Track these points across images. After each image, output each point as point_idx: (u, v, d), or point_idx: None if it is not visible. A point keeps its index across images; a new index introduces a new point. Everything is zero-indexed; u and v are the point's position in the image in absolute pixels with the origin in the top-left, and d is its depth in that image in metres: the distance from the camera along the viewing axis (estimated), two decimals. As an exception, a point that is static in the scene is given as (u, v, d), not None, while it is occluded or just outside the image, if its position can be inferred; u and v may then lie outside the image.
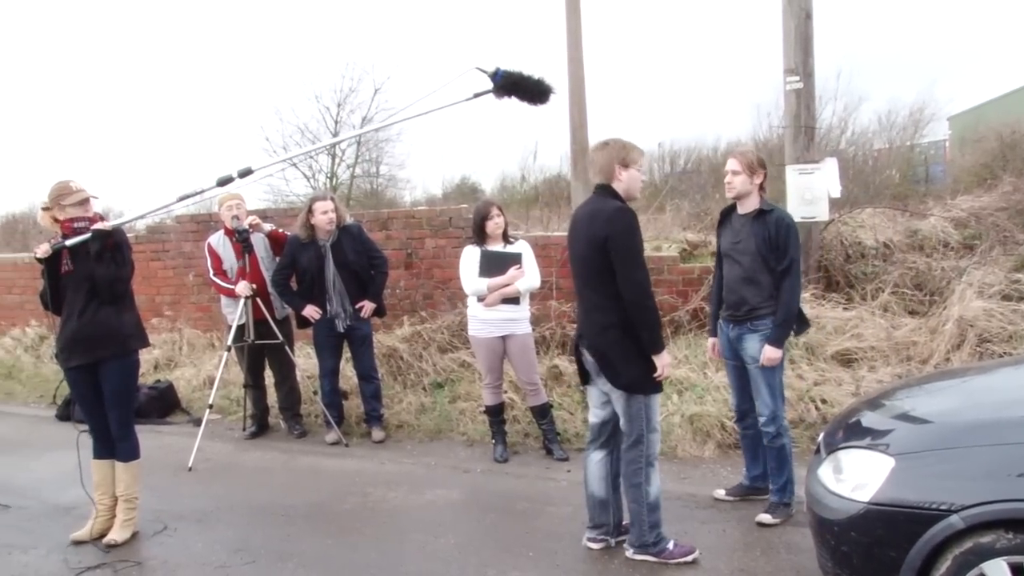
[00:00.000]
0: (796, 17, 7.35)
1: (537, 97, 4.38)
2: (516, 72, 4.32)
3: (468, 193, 24.34)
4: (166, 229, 10.27)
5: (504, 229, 6.18)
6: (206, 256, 7.10)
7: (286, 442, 7.05)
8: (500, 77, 4.29)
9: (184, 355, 9.54)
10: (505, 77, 4.29)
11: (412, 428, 7.09)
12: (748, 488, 5.12)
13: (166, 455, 6.53)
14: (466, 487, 5.73)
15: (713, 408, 6.24)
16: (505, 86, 4.30)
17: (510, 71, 4.30)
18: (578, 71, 10.84)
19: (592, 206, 4.22)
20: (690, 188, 15.13)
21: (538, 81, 4.35)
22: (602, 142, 4.26)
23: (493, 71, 4.30)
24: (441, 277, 8.44)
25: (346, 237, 6.71)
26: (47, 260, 4.74)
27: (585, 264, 4.21)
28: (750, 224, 4.74)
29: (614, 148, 4.20)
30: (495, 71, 4.29)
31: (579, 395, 6.85)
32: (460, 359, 7.73)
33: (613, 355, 4.15)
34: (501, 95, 4.33)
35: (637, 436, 4.19)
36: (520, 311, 6.12)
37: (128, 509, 5.01)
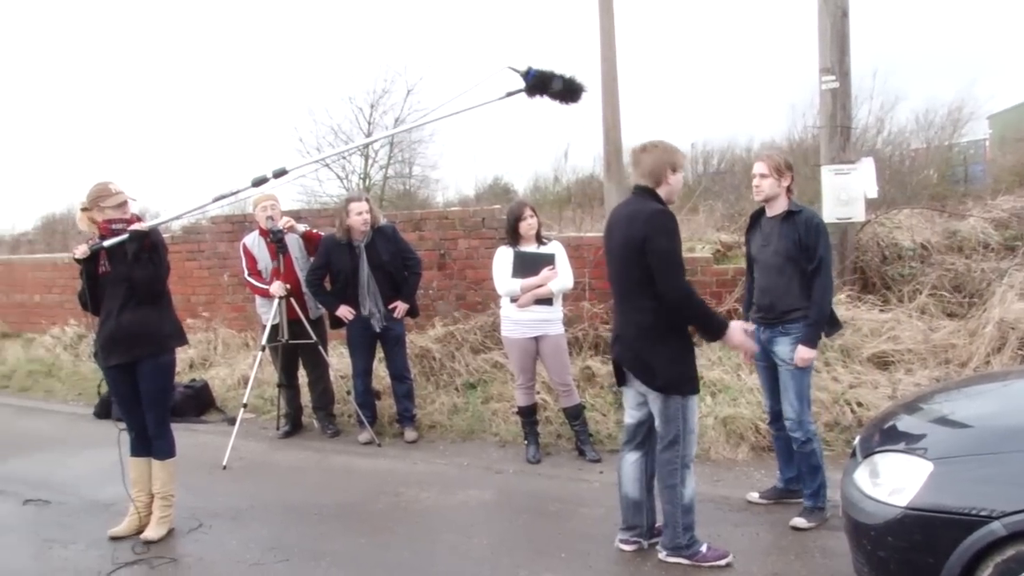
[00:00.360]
0: (832, 15, 7.27)
1: (569, 96, 4.37)
2: (548, 71, 4.32)
3: (501, 194, 24.34)
4: (201, 230, 10.38)
5: (537, 230, 6.18)
6: (241, 256, 7.16)
7: (319, 441, 7.09)
8: (532, 76, 4.29)
9: (219, 355, 9.65)
10: (537, 76, 4.29)
11: (445, 428, 7.11)
12: (782, 491, 5.07)
13: (201, 453, 6.59)
14: (498, 488, 5.74)
15: (747, 410, 6.19)
16: (537, 85, 4.30)
17: (542, 70, 4.30)
18: (611, 71, 10.80)
19: (631, 207, 4.21)
20: (723, 189, 15.01)
21: (570, 80, 4.34)
22: (650, 144, 4.22)
23: (525, 70, 4.29)
24: (474, 278, 8.45)
25: (380, 238, 6.74)
26: (85, 261, 4.81)
27: (622, 265, 4.19)
28: (779, 226, 4.70)
29: (665, 151, 4.18)
30: (527, 70, 4.29)
31: (612, 396, 6.83)
32: (493, 360, 7.73)
33: (650, 356, 4.14)
34: (533, 94, 4.33)
35: (673, 437, 4.17)
36: (553, 312, 6.12)
37: (164, 506, 5.07)
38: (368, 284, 6.70)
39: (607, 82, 10.82)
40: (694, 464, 4.30)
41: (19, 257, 13.69)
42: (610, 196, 11.23)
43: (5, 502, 5.80)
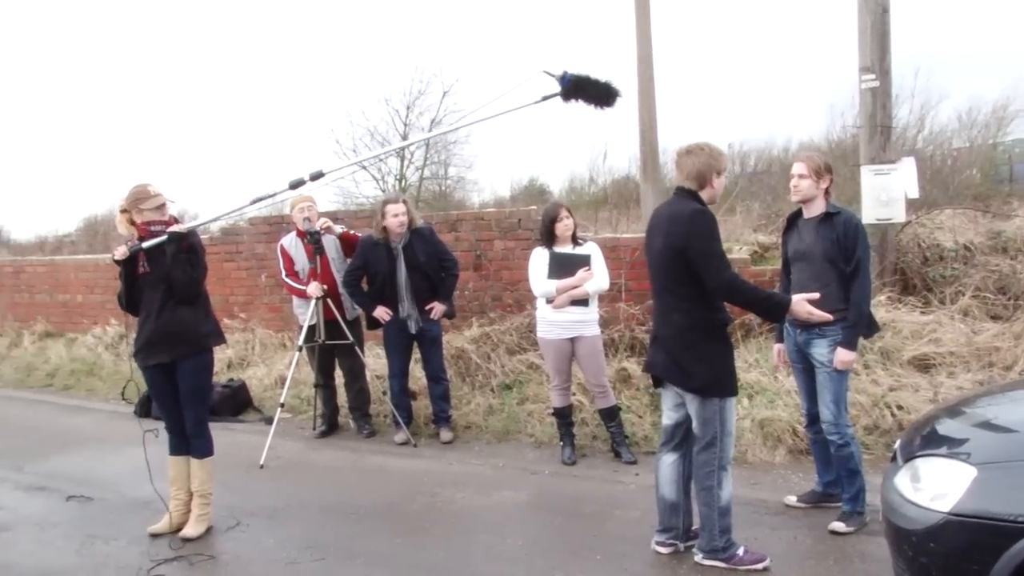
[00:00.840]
0: (872, 13, 7.18)
1: (604, 100, 4.35)
2: (583, 75, 4.30)
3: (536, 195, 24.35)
4: (239, 231, 10.48)
5: (573, 231, 6.17)
6: (278, 257, 7.22)
7: (355, 441, 7.13)
8: (567, 81, 4.27)
9: (256, 354, 9.73)
10: (572, 80, 4.27)
11: (480, 429, 7.12)
12: (820, 495, 5.01)
13: (239, 452, 6.65)
14: (534, 489, 5.73)
15: (784, 413, 6.13)
16: (572, 89, 4.28)
17: (577, 74, 4.28)
18: (648, 71, 10.77)
19: (672, 208, 4.19)
20: (761, 189, 14.89)
21: (605, 84, 4.32)
22: (695, 147, 4.19)
23: (560, 74, 4.28)
24: (510, 279, 8.44)
25: (418, 239, 6.76)
26: (124, 262, 4.87)
27: (663, 266, 4.17)
28: (817, 228, 4.65)
29: (710, 155, 4.16)
30: (562, 74, 4.27)
31: (648, 398, 6.80)
32: (528, 361, 7.73)
33: (687, 358, 4.12)
34: (568, 98, 4.32)
35: (711, 439, 4.14)
36: (589, 313, 6.10)
37: (203, 504, 5.13)
38: (405, 285, 6.73)
39: (643, 82, 10.78)
40: (731, 467, 4.26)
41: (62, 258, 13.92)
42: (646, 197, 11.19)
43: (49, 498, 5.91)
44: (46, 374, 10.82)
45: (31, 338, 12.35)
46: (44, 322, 12.64)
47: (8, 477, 6.45)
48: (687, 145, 4.24)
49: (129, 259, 4.88)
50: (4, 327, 13.09)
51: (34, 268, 13.17)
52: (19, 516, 5.55)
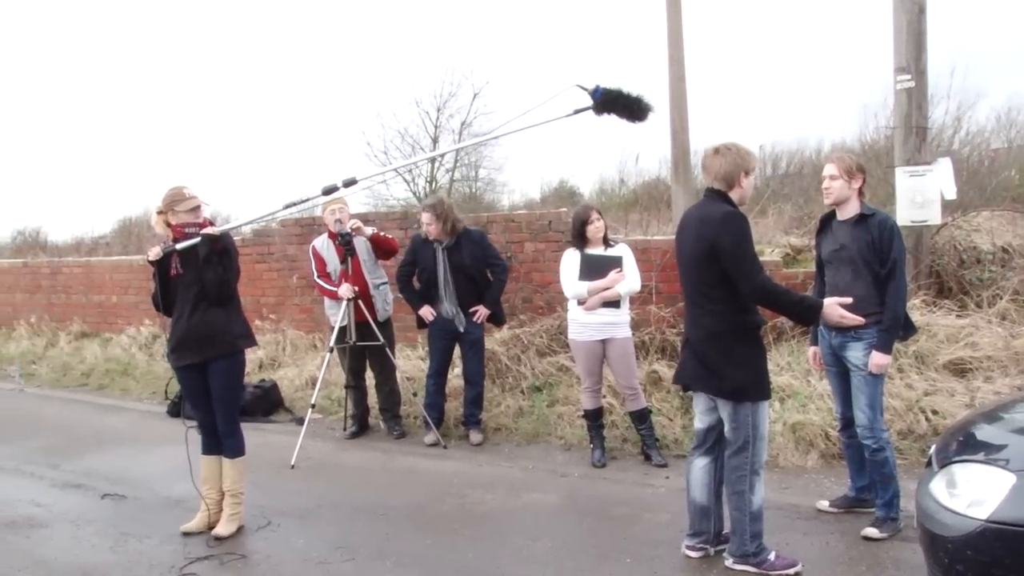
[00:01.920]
0: (909, 12, 7.08)
1: (636, 115, 4.31)
2: (616, 89, 4.27)
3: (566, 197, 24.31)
4: (271, 232, 10.56)
5: (604, 233, 6.16)
6: (310, 259, 7.26)
7: (385, 442, 7.15)
8: (600, 94, 4.24)
9: (287, 355, 9.80)
10: (605, 94, 4.24)
11: (510, 431, 7.12)
12: (853, 500, 4.95)
13: (270, 452, 6.70)
14: (563, 491, 5.72)
15: (816, 417, 6.07)
16: (604, 103, 4.26)
17: (610, 88, 4.24)
18: (679, 72, 10.70)
19: (702, 210, 4.17)
20: (792, 191, 14.78)
21: (637, 99, 4.29)
22: (723, 147, 4.17)
23: (593, 88, 4.25)
24: (540, 281, 8.43)
25: (466, 241, 6.81)
26: (158, 263, 4.93)
27: (693, 268, 4.16)
28: (851, 229, 4.60)
29: (738, 155, 4.13)
30: (595, 88, 4.24)
31: (678, 400, 6.77)
32: (558, 363, 7.71)
33: (719, 361, 4.09)
34: (601, 112, 4.29)
35: (743, 443, 4.11)
36: (620, 315, 6.09)
37: (234, 504, 5.16)
38: (445, 285, 6.77)
39: (675, 84, 10.72)
40: (763, 471, 4.22)
41: (98, 259, 14.08)
42: (677, 199, 11.12)
43: (85, 496, 5.98)
44: (81, 373, 10.96)
45: (67, 338, 12.53)
46: (80, 322, 12.82)
47: (45, 475, 6.54)
48: (715, 145, 4.22)
49: (162, 260, 4.94)
50: (41, 327, 13.28)
51: (70, 269, 13.35)
52: (55, 513, 5.63)
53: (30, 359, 12.03)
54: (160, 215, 5.01)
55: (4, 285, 14.25)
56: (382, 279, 7.26)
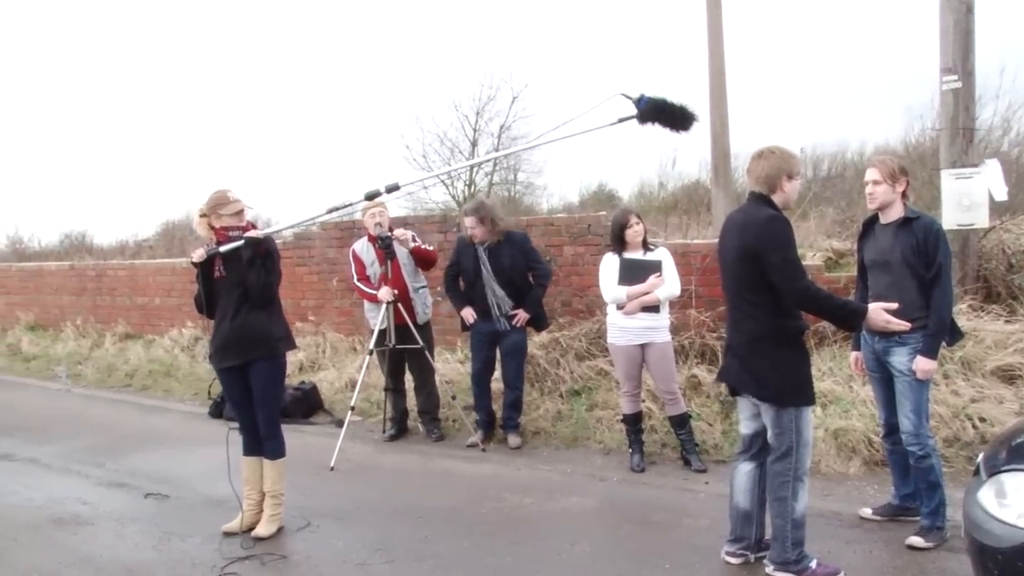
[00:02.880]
0: (956, 12, 6.96)
1: (680, 124, 4.29)
2: (660, 98, 4.24)
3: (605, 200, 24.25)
4: (311, 236, 10.64)
5: (643, 237, 6.13)
6: (350, 262, 7.30)
7: (424, 445, 7.17)
8: (644, 103, 4.23)
9: (327, 358, 9.87)
10: (649, 103, 4.23)
11: (549, 435, 7.10)
12: (897, 508, 4.87)
13: (310, 454, 6.75)
14: (602, 495, 5.69)
15: (859, 423, 5.98)
16: (648, 112, 4.25)
17: (654, 97, 4.23)
18: (719, 75, 10.66)
19: (745, 214, 4.13)
20: (834, 194, 14.61)
21: (682, 108, 4.26)
22: (767, 150, 4.13)
23: (638, 97, 4.24)
24: (579, 284, 8.41)
25: (507, 244, 6.82)
26: (201, 265, 4.99)
27: (736, 273, 4.12)
28: (895, 233, 4.53)
29: (781, 158, 4.09)
30: (639, 97, 4.23)
31: (718, 405, 6.71)
32: (597, 367, 7.68)
33: (762, 366, 4.05)
34: (644, 121, 4.26)
35: (786, 449, 4.06)
36: (660, 319, 6.06)
37: (274, 505, 5.21)
38: (484, 286, 6.79)
39: (715, 87, 10.68)
40: (807, 478, 4.16)
41: (142, 262, 14.31)
42: (717, 202, 11.07)
43: (128, 495, 6.08)
44: (125, 374, 11.12)
45: (112, 339, 12.72)
46: (124, 324, 13.01)
47: (90, 473, 6.66)
48: (758, 149, 4.18)
49: (205, 262, 4.99)
50: (87, 328, 13.52)
51: (115, 272, 13.58)
52: (100, 511, 5.72)
53: (76, 360, 12.25)
54: (203, 218, 5.07)
55: (52, 287, 14.54)
56: (421, 283, 7.29)
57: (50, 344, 13.44)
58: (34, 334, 14.19)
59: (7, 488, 6.33)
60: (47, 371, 12.02)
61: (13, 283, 15.40)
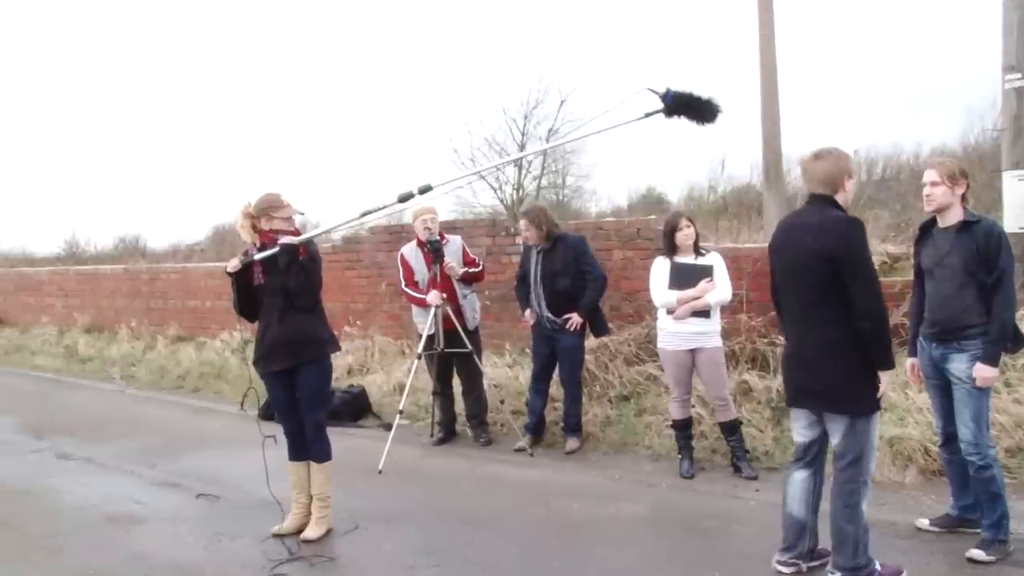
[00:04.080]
0: (1020, 8, 6.80)
1: (706, 117, 4.30)
2: (686, 92, 4.26)
3: (654, 204, 24.13)
4: (360, 239, 10.74)
5: (695, 240, 6.09)
6: (398, 267, 7.32)
7: (472, 449, 7.19)
8: (671, 98, 4.24)
9: (376, 361, 9.94)
10: (676, 98, 4.24)
11: (597, 440, 7.08)
12: (956, 519, 4.76)
13: (358, 457, 6.78)
14: (651, 502, 5.66)
15: (915, 431, 5.86)
16: (675, 106, 4.25)
17: (680, 91, 4.25)
18: (771, 78, 10.56)
19: (812, 217, 4.04)
20: (889, 197, 14.38)
21: (708, 100, 4.26)
22: (824, 151, 4.08)
23: (664, 91, 4.25)
24: (628, 289, 8.37)
25: (561, 246, 6.83)
26: (237, 274, 5.03)
27: (805, 277, 4.01)
28: (954, 237, 4.42)
29: (839, 158, 4.04)
30: (665, 91, 4.24)
31: (769, 411, 6.64)
32: (646, 372, 7.65)
33: (835, 374, 3.95)
34: (671, 115, 4.27)
35: (856, 455, 3.98)
36: (710, 324, 6.00)
37: (322, 507, 5.25)
38: (535, 288, 6.83)
39: (767, 89, 10.58)
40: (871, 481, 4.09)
41: (193, 265, 14.57)
42: (769, 206, 10.95)
43: (180, 495, 6.19)
44: (177, 376, 11.33)
45: (164, 342, 12.98)
46: (176, 326, 13.25)
47: (143, 473, 6.79)
48: (814, 150, 4.13)
49: (243, 270, 5.05)
50: (141, 331, 13.80)
51: (167, 276, 13.85)
52: (153, 511, 5.83)
53: (130, 361, 12.52)
54: (248, 219, 5.08)
55: (107, 290, 14.88)
56: (470, 287, 7.32)
57: (105, 346, 13.75)
58: (90, 336, 14.53)
59: (64, 486, 6.49)
60: (102, 372, 12.31)
61: (70, 286, 15.81)
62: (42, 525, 5.61)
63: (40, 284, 16.72)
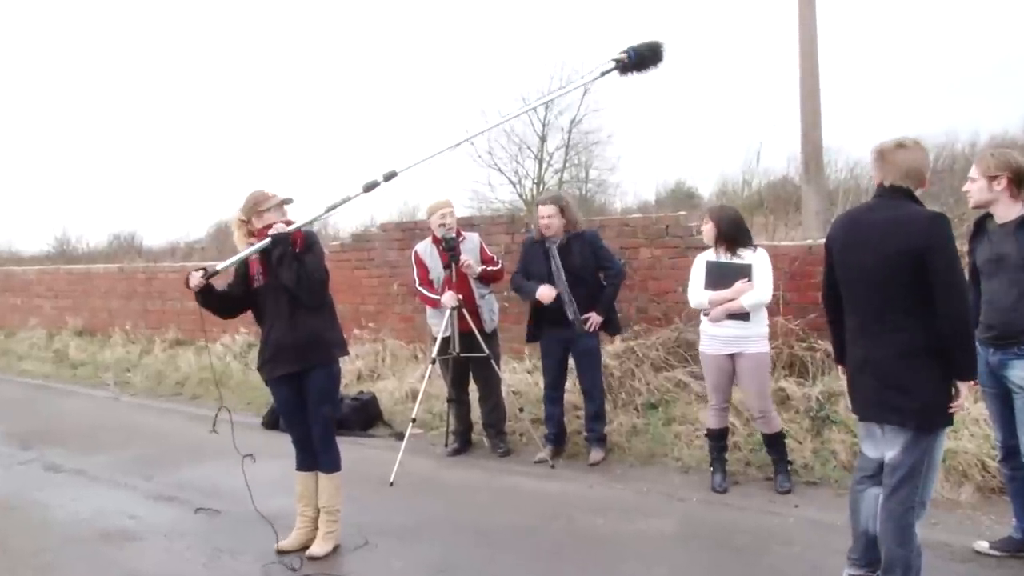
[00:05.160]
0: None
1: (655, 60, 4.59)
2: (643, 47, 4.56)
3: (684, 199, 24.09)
4: (371, 237, 10.76)
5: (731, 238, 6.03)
6: (412, 265, 7.32)
7: (489, 460, 7.19)
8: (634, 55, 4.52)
9: (387, 366, 9.95)
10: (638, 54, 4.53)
11: (623, 451, 7.06)
12: (1020, 542, 4.68)
13: (368, 468, 6.79)
14: (681, 517, 5.64)
15: (971, 444, 5.80)
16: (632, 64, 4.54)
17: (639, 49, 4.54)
18: (811, 63, 10.50)
19: (890, 212, 3.93)
20: (942, 190, 14.23)
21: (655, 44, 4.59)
22: (909, 140, 3.99)
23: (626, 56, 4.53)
24: (656, 290, 8.35)
25: (577, 241, 6.80)
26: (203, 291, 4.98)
27: (884, 277, 3.89)
28: (1012, 234, 4.36)
29: (923, 150, 3.98)
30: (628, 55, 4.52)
31: (809, 421, 6.59)
32: (675, 378, 7.62)
33: (912, 382, 3.85)
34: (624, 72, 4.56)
35: (912, 471, 3.89)
36: (751, 327, 5.90)
37: (330, 522, 5.24)
38: (560, 283, 6.76)
39: (806, 77, 10.53)
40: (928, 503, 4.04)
41: (193, 264, 14.54)
42: (808, 201, 10.90)
43: (178, 509, 6.21)
44: (175, 382, 11.40)
45: (162, 345, 13.05)
46: (175, 330, 13.31)
47: (138, 486, 6.82)
48: (895, 139, 4.02)
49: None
50: (136, 334, 13.88)
51: (165, 275, 13.89)
52: (148, 526, 5.85)
53: (125, 367, 12.59)
54: (243, 224, 5.12)
55: (100, 291, 14.97)
56: (489, 288, 7.31)
57: (98, 350, 13.86)
58: (81, 339, 14.66)
59: (53, 500, 6.52)
60: (95, 378, 12.39)
61: (61, 286, 15.92)
62: (29, 542, 5.63)
63: (28, 284, 16.86)
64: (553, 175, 28.72)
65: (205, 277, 4.91)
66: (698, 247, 7.18)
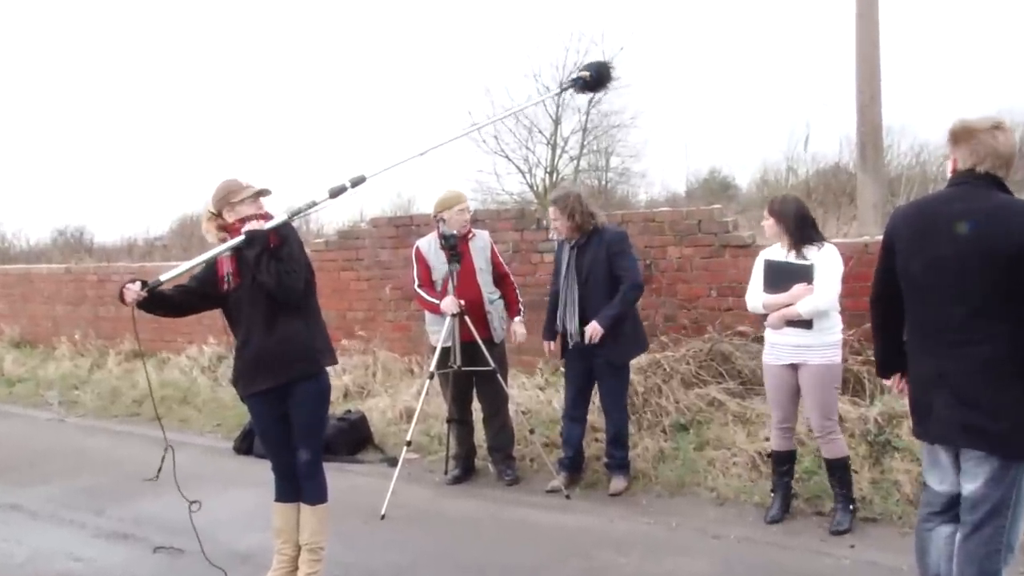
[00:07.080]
0: None
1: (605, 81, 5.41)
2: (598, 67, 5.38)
3: (718, 190, 24.08)
4: (360, 234, 10.79)
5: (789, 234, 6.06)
6: (413, 262, 7.31)
7: (495, 489, 7.23)
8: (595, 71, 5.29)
9: (378, 382, 9.96)
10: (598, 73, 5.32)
11: (649, 479, 7.07)
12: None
13: (356, 499, 6.82)
14: (716, 556, 5.67)
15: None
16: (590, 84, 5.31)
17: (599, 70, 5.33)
18: (869, 27, 10.49)
19: (979, 203, 3.86)
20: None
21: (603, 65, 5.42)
22: (999, 121, 3.93)
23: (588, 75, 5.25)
24: (686, 294, 8.37)
25: (596, 240, 6.79)
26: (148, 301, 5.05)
27: (967, 280, 3.84)
28: None
29: (1012, 134, 3.93)
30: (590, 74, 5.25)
31: (866, 446, 6.62)
32: (709, 396, 7.65)
33: (997, 403, 3.79)
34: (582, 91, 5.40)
35: (998, 507, 3.84)
36: (813, 336, 5.89)
37: (312, 561, 5.19)
38: (565, 292, 6.83)
39: (863, 42, 10.52)
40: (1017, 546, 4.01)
41: (154, 264, 14.53)
42: (864, 190, 10.90)
43: (134, 549, 6.20)
44: (133, 401, 11.30)
45: (116, 359, 13.02)
46: (132, 340, 13.26)
47: (87, 522, 6.81)
48: (990, 119, 3.96)
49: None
50: (86, 345, 13.86)
51: (121, 277, 13.76)
52: (98, 569, 5.85)
53: (72, 383, 12.54)
54: (213, 219, 5.15)
55: (43, 295, 14.95)
56: (499, 292, 7.33)
57: (40, 364, 13.80)
58: (20, 352, 14.62)
59: (-16, 540, 6.48)
60: (35, 397, 12.34)
61: (-6, 289, 15.83)
62: (-49, 593, 5.60)
63: (-46, 288, 16.78)
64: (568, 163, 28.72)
65: (146, 290, 4.92)
66: (734, 245, 7.25)
